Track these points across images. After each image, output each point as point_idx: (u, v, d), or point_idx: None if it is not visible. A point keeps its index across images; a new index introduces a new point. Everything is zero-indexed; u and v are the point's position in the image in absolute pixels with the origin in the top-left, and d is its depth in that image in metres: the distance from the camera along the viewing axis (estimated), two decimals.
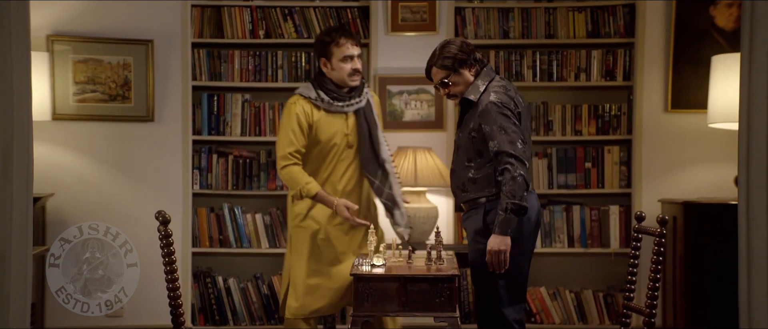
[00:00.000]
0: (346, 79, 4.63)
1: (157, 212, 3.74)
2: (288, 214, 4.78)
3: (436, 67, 4.25)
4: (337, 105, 4.64)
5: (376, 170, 4.72)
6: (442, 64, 4.23)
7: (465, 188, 4.22)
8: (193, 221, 5.97)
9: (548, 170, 6.05)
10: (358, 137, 4.70)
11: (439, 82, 4.25)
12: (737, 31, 5.75)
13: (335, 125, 4.66)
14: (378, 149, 4.73)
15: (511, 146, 4.01)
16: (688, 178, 5.93)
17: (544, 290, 6.03)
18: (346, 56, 4.60)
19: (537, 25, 6.01)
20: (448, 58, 4.22)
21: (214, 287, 5.99)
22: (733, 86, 5.27)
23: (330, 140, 4.64)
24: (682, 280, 5.49)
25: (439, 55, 4.23)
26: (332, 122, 4.65)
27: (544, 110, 6.03)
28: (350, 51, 4.61)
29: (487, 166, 4.14)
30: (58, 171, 5.82)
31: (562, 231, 6.03)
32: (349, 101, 4.65)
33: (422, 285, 3.85)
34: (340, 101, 4.64)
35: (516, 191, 3.95)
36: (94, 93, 5.81)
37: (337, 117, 4.67)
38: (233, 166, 6.01)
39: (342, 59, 4.59)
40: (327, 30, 4.74)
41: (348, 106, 4.66)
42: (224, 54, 6.00)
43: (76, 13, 5.81)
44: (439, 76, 4.24)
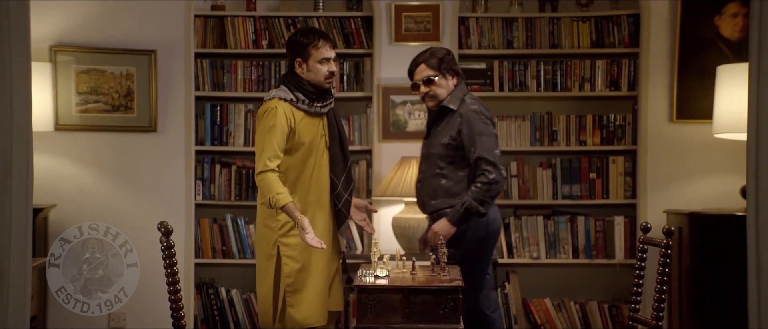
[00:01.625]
0: (322, 82, 4.46)
1: (160, 223, 3.72)
2: (266, 222, 4.48)
3: (426, 65, 4.39)
4: (317, 106, 4.47)
5: (341, 174, 4.57)
6: (432, 63, 4.44)
7: (435, 196, 4.31)
8: (195, 231, 5.96)
9: (553, 180, 6.03)
10: (330, 138, 4.56)
11: (425, 79, 4.41)
12: (742, 41, 5.73)
13: (314, 127, 4.50)
14: (347, 152, 4.61)
15: (490, 153, 4.32)
16: (694, 188, 5.89)
17: (548, 301, 5.99)
18: (324, 58, 4.45)
19: (541, 35, 5.99)
20: (439, 59, 4.44)
21: (217, 298, 5.97)
22: (738, 96, 5.27)
23: (311, 142, 4.48)
24: (688, 291, 5.45)
25: (429, 55, 4.42)
26: (311, 123, 4.49)
27: (548, 120, 6.01)
28: (328, 53, 4.46)
29: (460, 174, 4.22)
30: (61, 182, 5.81)
31: (567, 242, 6.00)
32: (325, 101, 4.50)
33: (426, 297, 3.82)
34: (319, 102, 4.48)
35: (484, 196, 4.30)
36: (96, 103, 5.80)
37: (314, 119, 4.51)
38: (236, 176, 6.00)
39: (319, 61, 4.44)
40: (303, 30, 4.56)
41: (324, 106, 4.50)
42: (227, 64, 5.99)
43: (79, 24, 5.80)
44: (426, 73, 4.43)
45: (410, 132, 5.95)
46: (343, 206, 4.57)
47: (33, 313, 5.15)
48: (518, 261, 6.01)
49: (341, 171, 4.56)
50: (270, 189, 4.32)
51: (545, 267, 6.05)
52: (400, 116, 5.96)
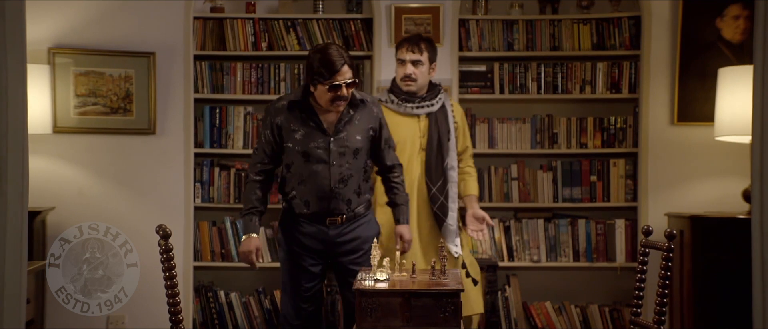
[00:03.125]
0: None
1: (158, 226, 3.71)
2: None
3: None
4: (408, 107, 4.78)
5: (435, 177, 4.84)
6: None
7: (361, 191, 4.33)
8: (194, 234, 5.93)
9: (553, 183, 6.01)
10: (427, 141, 4.85)
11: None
12: (744, 44, 5.73)
13: (408, 128, 4.83)
14: (444, 155, 4.85)
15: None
16: (695, 192, 5.87)
17: (549, 304, 5.97)
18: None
19: (542, 38, 5.97)
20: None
21: (216, 301, 5.95)
22: (740, 99, 5.27)
23: (404, 141, 4.79)
24: (690, 295, 5.44)
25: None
26: (404, 123, 4.82)
27: (549, 123, 5.99)
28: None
29: (372, 167, 4.48)
30: (59, 185, 5.78)
31: (568, 245, 5.98)
32: (414, 103, 4.81)
33: (426, 300, 3.79)
34: (410, 103, 4.82)
35: None
36: (95, 106, 5.78)
37: (409, 119, 4.83)
38: (235, 179, 5.97)
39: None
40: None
41: (417, 107, 4.81)
42: (226, 66, 5.97)
43: (77, 26, 5.78)
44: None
45: None
46: (439, 209, 4.69)
47: (29, 317, 5.13)
48: (519, 264, 5.99)
49: (435, 175, 4.72)
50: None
51: (546, 271, 6.03)
52: None
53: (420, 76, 4.79)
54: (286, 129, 4.30)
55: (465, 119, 5.13)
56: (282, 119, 4.31)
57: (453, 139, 4.86)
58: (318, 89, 4.24)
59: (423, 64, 4.80)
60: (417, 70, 4.75)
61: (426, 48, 4.82)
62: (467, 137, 5.08)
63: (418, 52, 4.78)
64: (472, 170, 5.13)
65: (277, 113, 4.33)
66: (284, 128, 4.32)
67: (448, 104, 4.93)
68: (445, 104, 4.90)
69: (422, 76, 4.80)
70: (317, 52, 4.23)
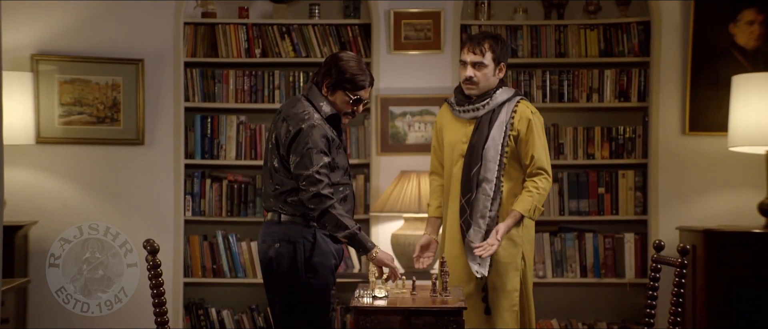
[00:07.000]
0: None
1: (145, 241, 3.62)
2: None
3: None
4: (458, 110, 4.52)
5: (466, 185, 4.49)
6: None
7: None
8: (185, 249, 5.89)
9: (559, 195, 5.93)
10: (468, 147, 4.51)
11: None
12: (759, 50, 5.70)
13: (457, 132, 4.53)
14: (474, 164, 4.51)
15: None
16: (708, 204, 5.80)
17: (555, 322, 5.88)
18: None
19: (547, 44, 5.92)
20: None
21: (207, 319, 5.86)
22: (754, 108, 5.27)
23: (449, 145, 4.54)
24: (702, 313, 5.37)
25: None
26: (456, 127, 4.54)
27: (554, 133, 5.92)
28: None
29: None
30: (42, 198, 5.73)
31: (574, 260, 5.90)
32: (464, 106, 4.50)
33: (427, 318, 3.68)
34: (460, 106, 4.52)
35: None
36: (81, 115, 5.74)
37: (461, 123, 4.53)
38: (228, 191, 5.92)
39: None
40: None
41: (464, 111, 4.50)
42: (218, 74, 5.93)
43: (62, 32, 5.76)
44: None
45: (410, 145, 5.88)
46: (464, 223, 4.43)
47: None
48: None
49: (465, 185, 4.43)
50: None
51: (552, 287, 5.93)
52: (400, 128, 5.88)
53: (482, 79, 4.43)
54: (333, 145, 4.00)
55: (537, 127, 4.53)
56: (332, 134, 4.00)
57: (494, 148, 4.44)
58: (338, 95, 3.97)
59: (486, 66, 4.46)
60: (478, 73, 4.41)
61: (489, 48, 4.47)
62: (535, 148, 4.49)
63: (479, 53, 4.44)
64: (534, 186, 4.48)
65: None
66: (333, 143, 3.99)
67: (509, 109, 4.49)
68: (503, 108, 4.50)
69: (485, 79, 4.45)
70: (352, 60, 3.99)
